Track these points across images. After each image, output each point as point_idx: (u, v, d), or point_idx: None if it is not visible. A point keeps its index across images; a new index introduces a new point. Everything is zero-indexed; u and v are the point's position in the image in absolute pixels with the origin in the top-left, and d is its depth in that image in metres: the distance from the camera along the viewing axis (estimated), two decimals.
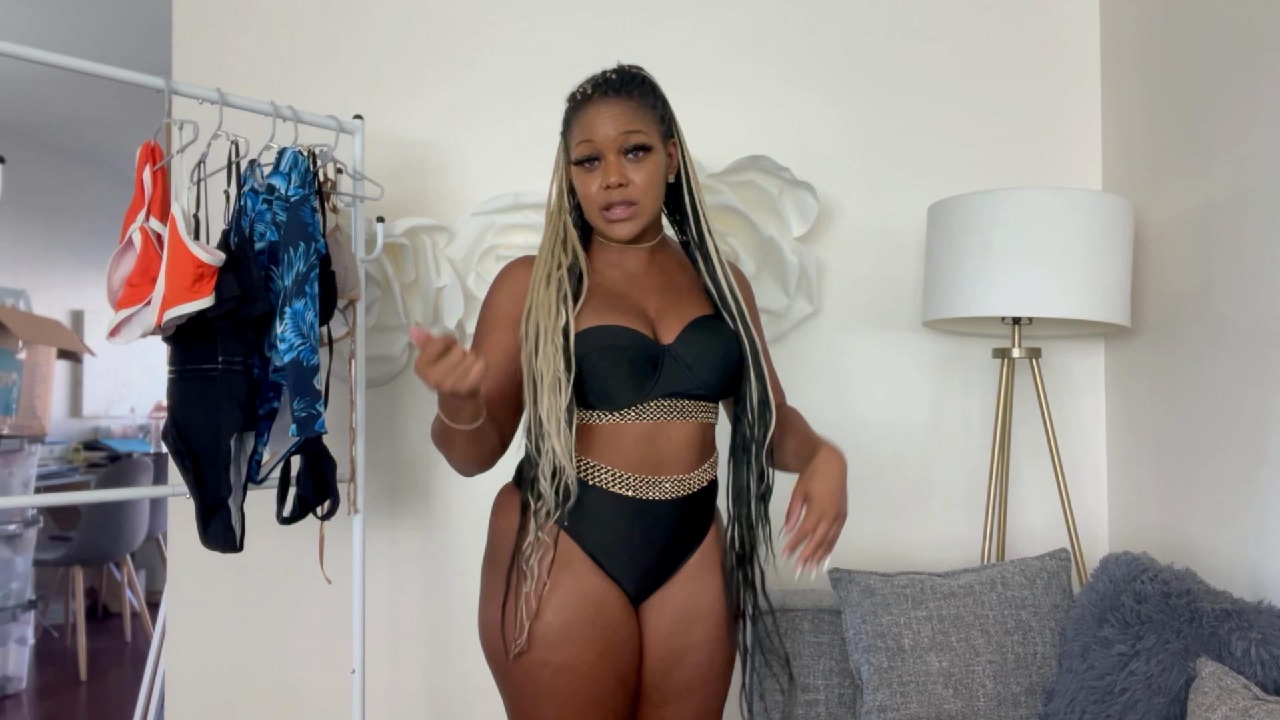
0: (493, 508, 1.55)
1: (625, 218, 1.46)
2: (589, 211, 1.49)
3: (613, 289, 1.50)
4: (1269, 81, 1.76)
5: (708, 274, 1.54)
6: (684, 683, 1.50)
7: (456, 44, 2.32)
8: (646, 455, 1.45)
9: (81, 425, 5.62)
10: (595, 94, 1.47)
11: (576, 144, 1.46)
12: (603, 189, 1.45)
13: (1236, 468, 1.84)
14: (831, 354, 2.32)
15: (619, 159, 1.44)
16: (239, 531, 1.70)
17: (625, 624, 1.45)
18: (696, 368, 1.47)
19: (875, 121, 2.34)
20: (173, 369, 1.71)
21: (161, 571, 5.20)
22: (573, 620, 1.40)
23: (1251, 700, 1.32)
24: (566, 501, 1.41)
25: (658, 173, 1.48)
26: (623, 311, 1.46)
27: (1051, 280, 1.88)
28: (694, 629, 1.49)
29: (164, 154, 1.69)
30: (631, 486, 1.44)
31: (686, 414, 1.47)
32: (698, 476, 1.50)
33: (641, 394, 1.44)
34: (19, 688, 3.93)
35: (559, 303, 1.42)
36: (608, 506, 1.44)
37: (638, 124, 1.45)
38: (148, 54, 3.79)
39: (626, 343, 1.43)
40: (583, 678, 1.40)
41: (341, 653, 2.26)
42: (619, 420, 1.44)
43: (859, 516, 2.32)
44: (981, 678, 1.76)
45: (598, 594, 1.43)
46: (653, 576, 1.47)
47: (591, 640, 1.41)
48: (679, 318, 1.50)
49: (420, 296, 2.20)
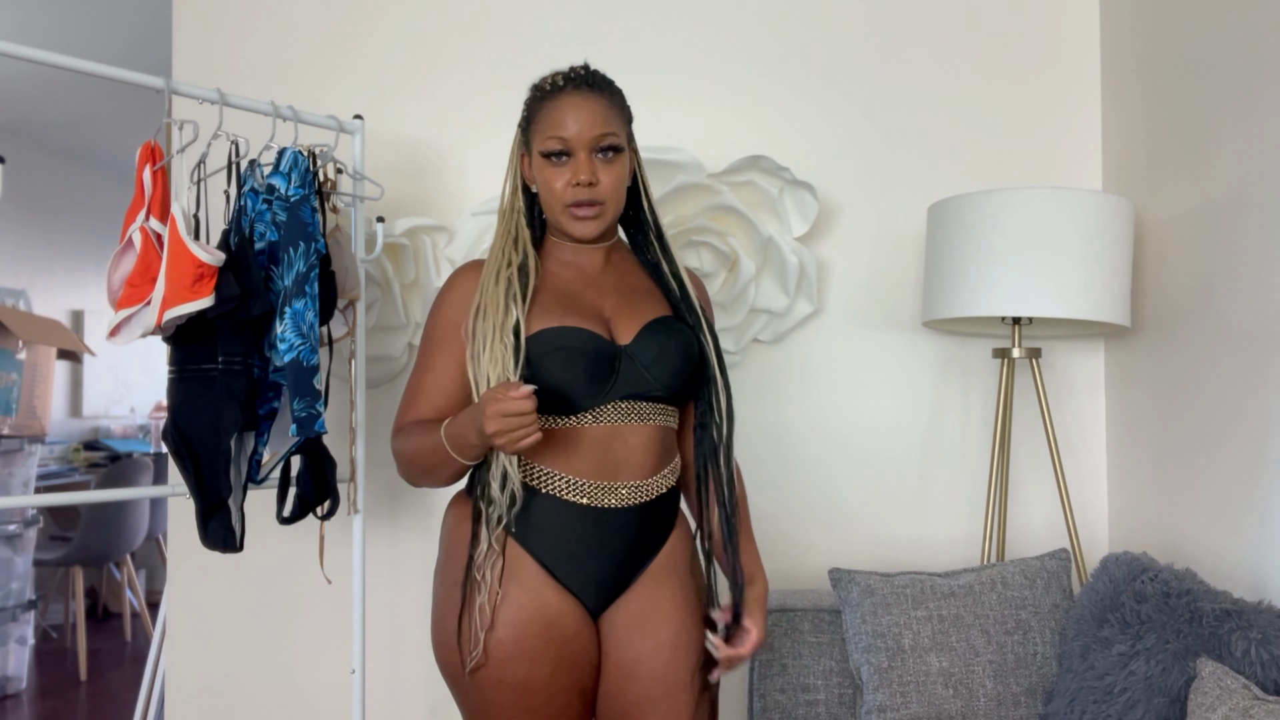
0: (444, 519, 1.50)
1: (591, 216, 1.43)
2: (552, 207, 1.45)
3: (566, 289, 1.46)
4: (1269, 81, 1.76)
5: (670, 273, 1.51)
6: (643, 694, 1.42)
7: (456, 44, 2.32)
8: (603, 460, 1.40)
9: (81, 425, 5.62)
10: (568, 87, 1.43)
11: (546, 137, 1.42)
12: (571, 185, 1.41)
13: (1236, 468, 1.84)
14: (831, 354, 2.32)
15: (590, 157, 1.41)
16: (239, 531, 1.70)
17: (580, 636, 1.40)
18: (654, 369, 1.42)
19: (875, 122, 2.34)
20: (173, 369, 1.71)
21: (161, 571, 5.20)
22: (525, 635, 1.36)
23: (1251, 700, 1.32)
24: (513, 506, 1.37)
25: (625, 174, 1.45)
26: (578, 313, 1.42)
27: (1051, 280, 1.88)
28: (647, 636, 1.43)
29: (164, 154, 1.69)
30: (587, 494, 1.39)
31: (644, 417, 1.42)
32: (657, 482, 1.45)
33: (598, 396, 1.39)
34: (19, 688, 3.93)
35: (508, 300, 1.38)
36: (562, 515, 1.39)
37: (612, 125, 1.42)
38: (148, 54, 3.80)
39: (582, 344, 1.39)
40: (538, 694, 1.36)
41: (341, 653, 2.26)
42: (574, 424, 1.39)
43: (860, 516, 2.33)
44: (981, 678, 1.76)
45: (551, 607, 1.38)
46: (611, 587, 1.42)
47: (545, 655, 1.37)
48: (636, 318, 1.46)
49: (420, 296, 2.20)
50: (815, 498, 2.32)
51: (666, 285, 1.52)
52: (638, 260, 1.56)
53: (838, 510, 2.33)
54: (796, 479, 2.32)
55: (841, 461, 2.32)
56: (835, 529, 2.32)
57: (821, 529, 2.32)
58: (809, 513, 2.32)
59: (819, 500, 2.32)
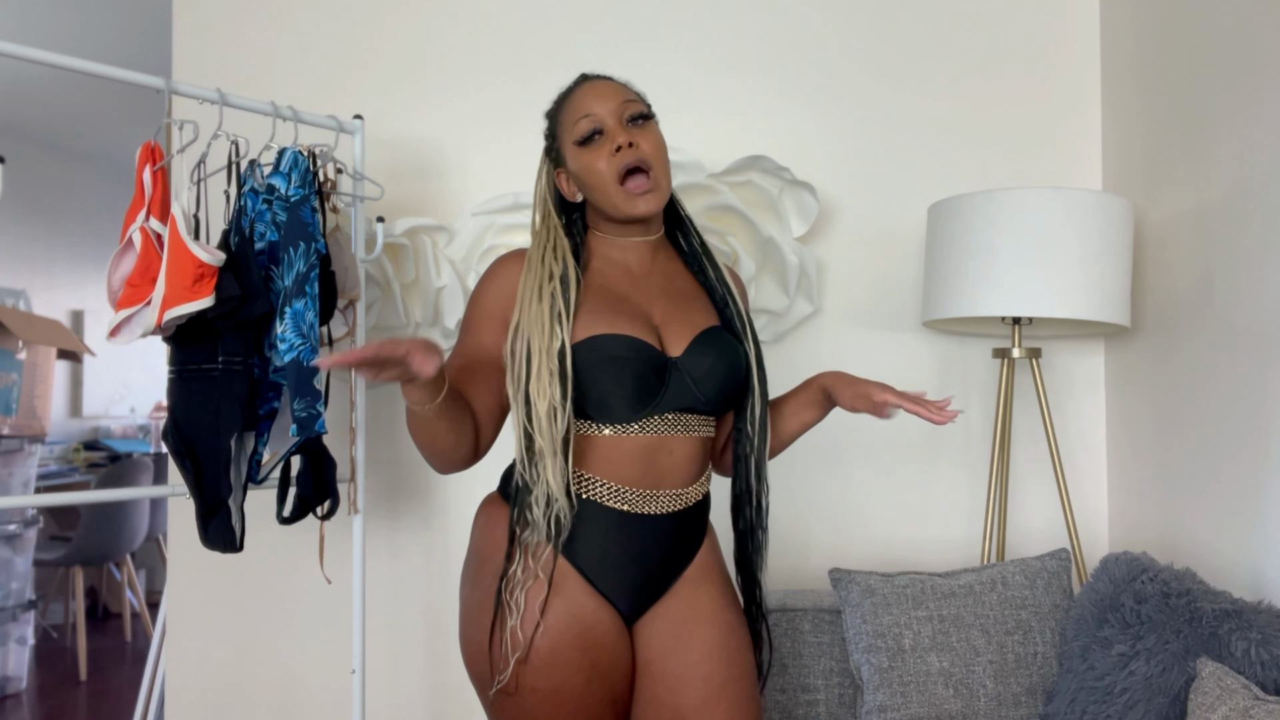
0: (476, 518, 1.47)
1: (648, 188, 1.38)
2: (604, 190, 1.40)
3: (614, 290, 1.43)
4: (1269, 81, 1.76)
5: (715, 278, 1.49)
6: (699, 698, 1.39)
7: (457, 44, 2.32)
8: (647, 470, 1.38)
9: (81, 425, 5.62)
10: (580, 81, 1.45)
11: (575, 123, 1.41)
12: (613, 154, 1.38)
13: (1236, 468, 1.84)
14: (831, 354, 2.32)
15: (622, 126, 1.39)
16: (239, 531, 1.70)
17: (616, 645, 1.38)
18: (703, 384, 1.40)
19: (875, 122, 2.34)
20: (173, 369, 1.71)
21: (161, 571, 5.20)
22: (560, 643, 1.33)
23: (1251, 700, 1.32)
24: (559, 535, 1.34)
25: (663, 141, 1.43)
26: (628, 318, 1.39)
27: (1051, 280, 1.88)
28: (695, 641, 1.41)
29: (164, 154, 1.70)
30: (628, 501, 1.38)
31: (689, 428, 1.41)
32: (694, 490, 1.44)
33: (645, 408, 1.37)
34: (19, 688, 3.93)
35: (553, 321, 1.33)
36: (601, 521, 1.37)
37: (633, 95, 1.43)
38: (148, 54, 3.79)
39: (633, 354, 1.35)
40: (572, 702, 1.34)
41: (341, 653, 2.26)
42: (619, 434, 1.37)
43: (860, 516, 2.33)
44: (982, 678, 1.76)
45: (587, 614, 1.36)
46: (647, 593, 1.41)
47: (579, 664, 1.34)
48: (687, 327, 1.43)
49: (420, 296, 2.20)
50: (815, 498, 2.32)
51: (711, 287, 1.50)
52: (680, 260, 1.54)
53: (838, 510, 2.33)
54: (797, 479, 2.32)
55: (842, 461, 2.32)
56: (835, 529, 2.32)
57: (821, 529, 2.32)
58: (809, 513, 2.32)
59: (819, 500, 2.32)
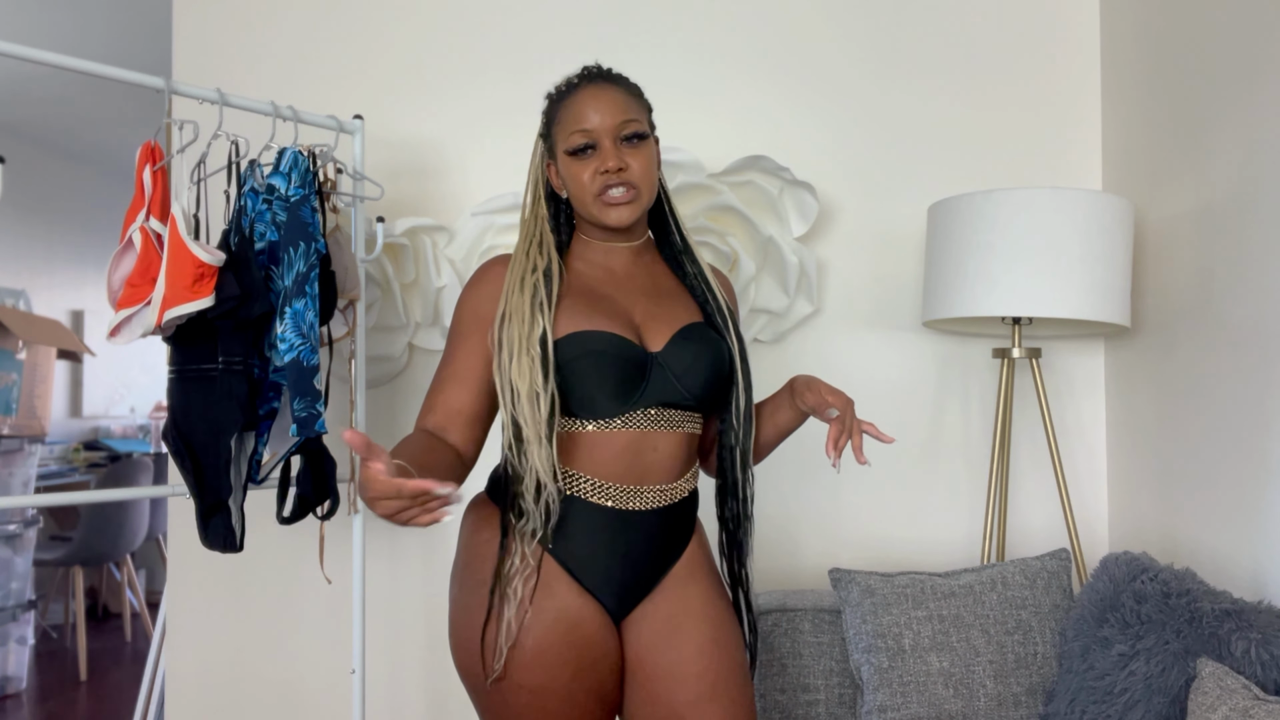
0: (464, 519, 1.48)
1: (627, 200, 1.39)
2: (583, 200, 1.42)
3: (595, 290, 1.44)
4: (1269, 81, 1.76)
5: (695, 275, 1.49)
6: (693, 695, 1.40)
7: (456, 44, 2.32)
8: (632, 465, 1.39)
9: (81, 425, 5.62)
10: (584, 83, 1.42)
11: (570, 133, 1.40)
12: (599, 174, 1.39)
13: (1236, 468, 1.84)
14: (831, 354, 2.32)
15: (616, 146, 1.39)
16: (239, 531, 1.70)
17: (603, 642, 1.39)
18: (685, 379, 1.41)
19: (875, 122, 2.34)
20: (173, 369, 1.71)
21: (161, 571, 5.20)
22: (546, 640, 1.34)
23: (1251, 700, 1.32)
24: (550, 520, 1.35)
25: (654, 161, 1.44)
26: (607, 316, 1.40)
27: (1051, 280, 1.88)
28: (686, 638, 1.42)
29: (164, 154, 1.69)
30: (613, 497, 1.39)
31: (673, 424, 1.42)
32: (680, 486, 1.45)
33: (628, 403, 1.38)
34: (19, 688, 3.93)
35: (534, 310, 1.35)
36: (587, 517, 1.38)
37: (633, 112, 1.41)
38: (148, 54, 3.79)
39: (612, 350, 1.37)
40: (559, 699, 1.35)
41: (341, 653, 2.26)
42: (604, 429, 1.38)
43: (860, 516, 2.33)
44: (981, 678, 1.76)
45: (573, 611, 1.36)
46: (634, 590, 1.41)
47: (565, 660, 1.35)
48: (667, 324, 1.44)
49: (420, 296, 2.20)
50: (815, 498, 2.32)
51: (693, 285, 1.50)
52: (664, 262, 1.54)
53: (838, 510, 2.33)
54: (796, 479, 2.32)
55: (842, 461, 2.32)
56: (835, 529, 2.32)
57: (821, 529, 2.32)
58: (809, 513, 2.32)
59: (819, 500, 2.32)
